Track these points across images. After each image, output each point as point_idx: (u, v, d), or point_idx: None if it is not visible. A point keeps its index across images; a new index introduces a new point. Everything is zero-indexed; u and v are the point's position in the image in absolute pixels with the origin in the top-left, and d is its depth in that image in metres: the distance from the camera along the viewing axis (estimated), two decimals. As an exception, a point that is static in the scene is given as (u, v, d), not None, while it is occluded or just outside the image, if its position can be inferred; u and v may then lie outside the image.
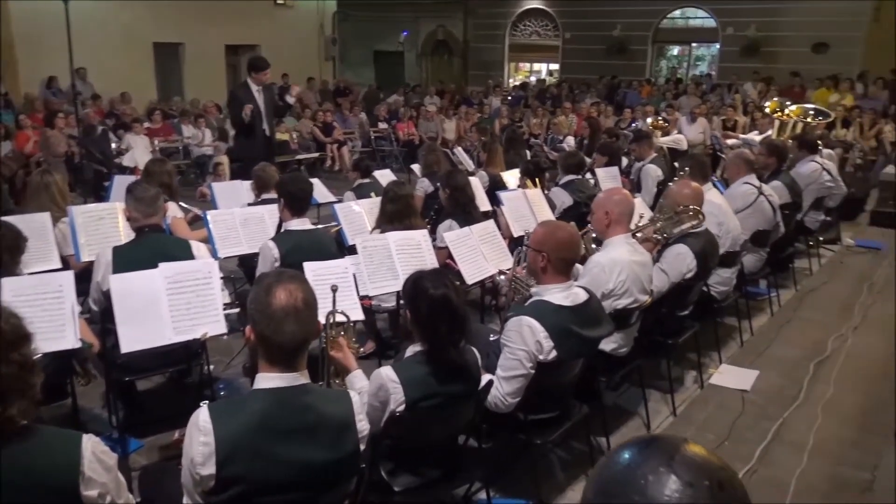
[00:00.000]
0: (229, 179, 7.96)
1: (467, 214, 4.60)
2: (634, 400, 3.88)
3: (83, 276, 3.38)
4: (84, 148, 8.77)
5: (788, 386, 4.09)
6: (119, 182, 5.19)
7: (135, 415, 3.61)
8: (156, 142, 10.24)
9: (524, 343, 2.69)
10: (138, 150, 9.46)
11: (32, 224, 3.86)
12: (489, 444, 3.05)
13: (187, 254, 3.49)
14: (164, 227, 3.88)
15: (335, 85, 16.80)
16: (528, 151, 8.71)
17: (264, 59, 7.10)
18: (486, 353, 2.85)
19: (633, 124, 10.57)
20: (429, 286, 2.40)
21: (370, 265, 3.75)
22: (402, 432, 2.41)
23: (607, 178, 6.20)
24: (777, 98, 10.18)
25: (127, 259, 3.27)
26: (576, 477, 3.28)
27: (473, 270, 3.98)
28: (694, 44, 19.16)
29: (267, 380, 1.86)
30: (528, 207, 5.07)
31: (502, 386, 2.74)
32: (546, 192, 5.60)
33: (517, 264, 3.60)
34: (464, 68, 20.77)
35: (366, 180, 6.06)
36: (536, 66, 21.52)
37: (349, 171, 8.64)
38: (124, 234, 3.95)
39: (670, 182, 4.95)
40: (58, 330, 2.85)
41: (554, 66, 20.58)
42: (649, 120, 10.05)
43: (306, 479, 1.86)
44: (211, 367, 3.55)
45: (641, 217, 3.99)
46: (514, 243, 4.59)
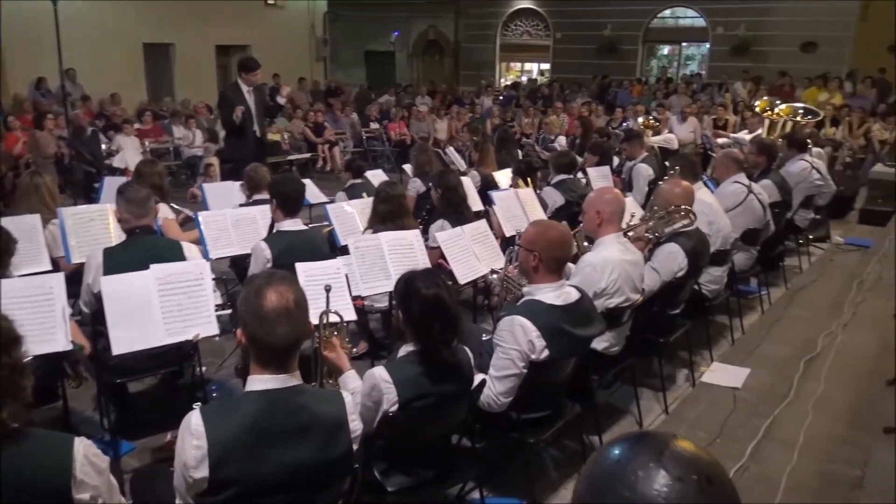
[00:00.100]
0: (220, 180, 7.94)
1: (459, 214, 4.61)
2: (626, 398, 3.90)
3: (74, 278, 3.36)
4: (74, 149, 8.71)
5: (779, 383, 4.11)
6: (109, 183, 5.17)
7: (126, 417, 3.59)
8: (146, 143, 10.18)
9: (516, 342, 2.69)
10: (128, 152, 9.40)
11: (22, 226, 3.84)
12: (482, 444, 3.06)
13: (179, 255, 3.48)
14: (156, 229, 3.87)
15: (326, 85, 16.77)
16: (520, 151, 8.70)
17: (255, 60, 7.07)
18: (479, 353, 2.86)
19: (625, 124, 10.60)
20: (421, 286, 2.41)
21: (362, 265, 3.75)
22: (396, 432, 2.41)
23: (599, 178, 6.21)
24: (767, 97, 10.23)
25: (118, 261, 3.26)
26: (569, 476, 3.29)
27: (466, 270, 3.98)
28: (684, 43, 19.27)
29: (259, 382, 1.86)
30: (520, 207, 5.08)
31: (495, 385, 2.74)
32: (538, 192, 5.61)
33: (509, 264, 3.61)
34: (455, 68, 20.78)
35: (358, 181, 6.05)
36: (527, 66, 21.59)
37: (341, 172, 8.66)
38: (115, 236, 3.94)
39: (661, 181, 4.96)
40: (48, 332, 2.84)
41: (545, 66, 20.65)
42: (640, 119, 10.08)
43: (300, 480, 1.86)
44: (203, 369, 3.55)
45: (633, 216, 4.00)
46: (506, 243, 4.60)
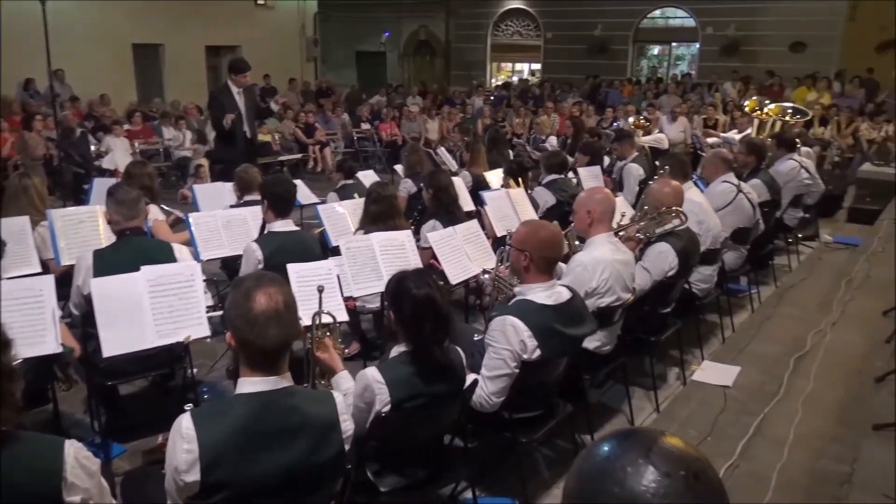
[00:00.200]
0: (210, 181, 7.91)
1: (451, 214, 4.61)
2: (618, 397, 3.91)
3: (63, 281, 3.34)
4: (63, 151, 8.65)
5: (769, 381, 4.14)
6: (99, 185, 5.14)
7: (117, 419, 3.57)
8: (136, 144, 10.11)
9: (508, 342, 2.70)
10: (118, 153, 9.35)
11: (11, 228, 3.83)
12: (474, 444, 3.06)
13: (169, 256, 3.46)
14: (146, 230, 3.85)
15: (317, 86, 16.74)
16: (511, 151, 8.73)
17: (245, 61, 7.05)
18: (471, 353, 2.86)
19: (615, 123, 10.63)
20: (412, 286, 2.41)
21: (354, 266, 3.75)
22: (388, 433, 2.41)
23: (589, 178, 6.24)
24: (756, 97, 10.27)
25: (108, 262, 3.25)
26: (561, 475, 3.29)
27: (457, 270, 3.99)
28: (674, 43, 19.35)
29: (249, 384, 1.85)
30: (512, 207, 5.09)
31: (487, 385, 2.75)
32: (529, 192, 5.63)
33: (500, 264, 3.61)
34: (446, 68, 20.77)
35: (349, 181, 6.04)
36: (518, 66, 21.62)
37: (332, 172, 8.62)
38: (105, 238, 3.92)
39: (651, 181, 4.99)
40: (38, 335, 2.83)
41: (536, 66, 20.68)
42: (631, 119, 10.13)
43: (292, 482, 1.85)
44: (194, 371, 3.53)
45: (623, 216, 4.02)
46: (498, 243, 4.61)
